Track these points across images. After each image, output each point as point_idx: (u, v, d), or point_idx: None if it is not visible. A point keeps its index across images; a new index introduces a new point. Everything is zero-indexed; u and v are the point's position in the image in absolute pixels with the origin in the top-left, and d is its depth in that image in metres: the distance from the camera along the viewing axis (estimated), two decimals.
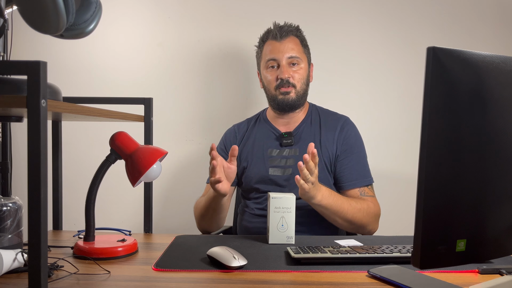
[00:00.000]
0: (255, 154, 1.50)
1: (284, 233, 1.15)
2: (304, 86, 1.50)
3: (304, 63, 1.49)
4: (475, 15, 1.90)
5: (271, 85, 1.48)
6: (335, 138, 1.47)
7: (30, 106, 0.65)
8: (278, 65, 1.47)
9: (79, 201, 1.21)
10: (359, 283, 0.85)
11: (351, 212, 1.31)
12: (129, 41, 1.91)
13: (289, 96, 1.46)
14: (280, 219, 1.14)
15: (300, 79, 1.47)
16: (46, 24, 0.80)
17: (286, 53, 1.46)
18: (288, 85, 1.45)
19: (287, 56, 1.46)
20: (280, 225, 1.14)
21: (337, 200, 1.29)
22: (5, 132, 1.15)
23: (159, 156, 1.06)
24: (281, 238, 1.15)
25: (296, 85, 1.46)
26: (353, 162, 1.45)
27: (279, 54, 1.46)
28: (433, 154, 0.61)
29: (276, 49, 1.47)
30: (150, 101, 1.33)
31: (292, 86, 1.46)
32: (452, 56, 0.61)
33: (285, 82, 1.45)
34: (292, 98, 1.46)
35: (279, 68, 1.47)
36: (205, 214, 1.41)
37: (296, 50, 1.47)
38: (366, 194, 1.43)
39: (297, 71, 1.47)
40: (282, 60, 1.46)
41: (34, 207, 0.66)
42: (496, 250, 0.71)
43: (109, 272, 0.92)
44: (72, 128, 1.83)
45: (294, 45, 1.48)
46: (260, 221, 1.45)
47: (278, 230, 1.15)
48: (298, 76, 1.47)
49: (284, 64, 1.46)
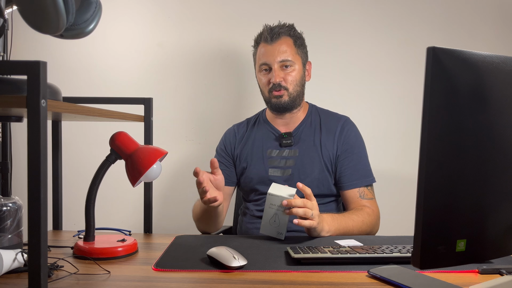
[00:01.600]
0: (254, 155, 1.50)
1: (276, 228, 1.16)
2: (298, 88, 1.48)
3: (297, 64, 1.47)
4: (475, 15, 1.90)
5: (265, 88, 1.48)
6: (336, 138, 1.47)
7: (30, 106, 0.65)
8: (270, 68, 1.46)
9: (79, 201, 1.21)
10: (359, 283, 0.85)
11: (357, 227, 1.31)
12: (129, 41, 1.91)
13: (282, 99, 1.45)
14: (273, 215, 1.16)
15: (292, 81, 1.46)
16: (46, 24, 0.80)
17: (277, 57, 1.44)
18: (280, 89, 1.44)
19: (278, 60, 1.44)
20: (272, 220, 1.16)
21: (341, 222, 1.27)
22: (5, 132, 1.15)
23: (159, 156, 1.06)
24: (272, 231, 1.17)
25: (288, 87, 1.45)
26: (353, 162, 1.45)
27: (270, 57, 1.44)
28: (433, 154, 0.61)
29: (268, 52, 1.45)
30: (150, 101, 1.33)
31: (285, 89, 1.45)
32: (452, 56, 0.61)
33: (277, 86, 1.44)
34: (285, 101, 1.46)
35: (271, 71, 1.45)
36: (202, 220, 1.41)
37: (288, 53, 1.45)
38: (365, 196, 1.43)
39: (289, 73, 1.45)
40: (273, 63, 1.44)
41: (34, 207, 0.66)
42: (496, 250, 0.71)
43: (109, 272, 0.92)
44: (72, 128, 1.83)
45: (286, 47, 1.45)
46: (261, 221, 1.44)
47: (269, 224, 1.17)
48: (290, 79, 1.45)
49: (275, 68, 1.44)
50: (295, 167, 1.45)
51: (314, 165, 1.44)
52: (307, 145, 1.47)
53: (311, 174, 1.44)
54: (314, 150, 1.46)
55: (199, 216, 1.41)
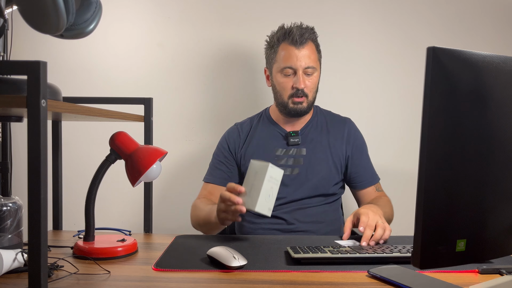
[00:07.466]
0: (260, 154, 1.49)
1: (268, 204, 1.13)
2: (315, 94, 1.49)
3: (317, 71, 1.47)
4: (476, 15, 1.90)
5: (285, 92, 1.45)
6: (344, 139, 1.50)
7: (30, 106, 0.65)
8: (294, 72, 1.43)
9: (79, 201, 1.21)
10: (359, 283, 0.85)
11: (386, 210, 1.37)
12: (129, 41, 1.91)
13: (302, 106, 1.45)
14: (270, 189, 1.13)
15: (312, 88, 1.45)
16: (46, 24, 0.80)
17: (304, 62, 1.41)
18: (302, 95, 1.43)
19: (304, 66, 1.42)
20: (267, 195, 1.12)
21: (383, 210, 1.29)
22: (5, 132, 1.15)
23: (159, 156, 1.06)
24: (264, 208, 1.12)
25: (308, 94, 1.44)
26: (365, 161, 1.52)
27: (297, 63, 1.41)
28: (433, 154, 0.61)
29: (295, 56, 1.42)
30: (150, 101, 1.33)
31: (305, 96, 1.44)
32: (452, 56, 0.61)
33: (300, 92, 1.43)
34: (304, 108, 1.45)
35: (295, 75, 1.43)
36: (204, 227, 1.40)
37: (312, 59, 1.43)
38: (379, 189, 1.51)
39: (311, 79, 1.44)
40: (299, 69, 1.42)
41: (34, 207, 0.66)
42: (496, 250, 0.71)
43: (109, 272, 0.92)
44: (72, 128, 1.83)
45: (311, 53, 1.43)
46: (262, 221, 1.45)
47: (265, 200, 1.12)
48: (311, 85, 1.45)
49: (300, 74, 1.42)
50: (303, 166, 1.45)
51: (322, 164, 1.46)
52: (315, 144, 1.48)
53: (319, 173, 1.45)
54: (323, 150, 1.47)
55: (202, 223, 1.39)
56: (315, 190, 1.44)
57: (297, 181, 1.43)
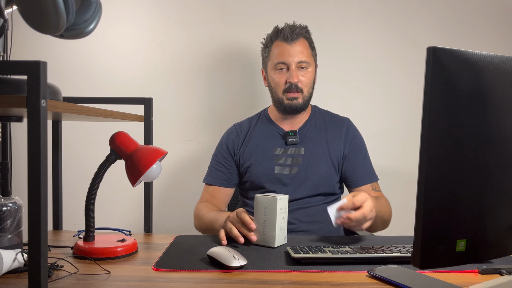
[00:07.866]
0: (259, 153, 1.49)
1: (283, 233, 1.14)
2: (311, 90, 1.50)
3: (312, 67, 1.48)
4: (476, 15, 1.90)
5: (279, 88, 1.47)
6: (342, 139, 1.50)
7: (30, 106, 0.65)
8: (287, 68, 1.45)
9: (79, 201, 1.21)
10: (359, 283, 0.85)
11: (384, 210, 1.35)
12: (129, 41, 1.91)
13: (296, 101, 1.46)
14: (281, 220, 1.13)
15: (307, 83, 1.47)
16: (46, 24, 0.80)
17: (296, 57, 1.44)
18: (296, 90, 1.44)
19: (297, 60, 1.44)
20: (281, 226, 1.13)
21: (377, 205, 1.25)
22: (5, 132, 1.15)
23: (159, 156, 1.06)
24: (282, 239, 1.14)
25: (303, 89, 1.45)
26: (362, 160, 1.50)
27: (289, 57, 1.44)
28: (433, 154, 0.61)
29: (287, 52, 1.44)
30: (150, 101, 1.33)
31: (300, 91, 1.45)
32: (452, 56, 0.61)
33: (294, 87, 1.44)
34: (299, 103, 1.46)
35: (288, 71, 1.45)
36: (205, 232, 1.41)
37: (305, 54, 1.45)
38: (376, 189, 1.49)
39: (305, 75, 1.46)
40: (292, 63, 1.44)
41: (34, 207, 0.66)
42: (496, 250, 0.71)
43: (109, 272, 0.92)
44: (72, 128, 1.83)
45: (303, 48, 1.46)
46: None
47: (281, 232, 1.13)
48: (306, 81, 1.46)
49: (293, 68, 1.44)
50: (301, 165, 1.45)
51: (321, 163, 1.46)
52: (314, 144, 1.48)
53: (318, 172, 1.45)
54: (321, 149, 1.47)
55: (205, 228, 1.40)
56: (315, 189, 1.44)
57: (296, 180, 1.44)
